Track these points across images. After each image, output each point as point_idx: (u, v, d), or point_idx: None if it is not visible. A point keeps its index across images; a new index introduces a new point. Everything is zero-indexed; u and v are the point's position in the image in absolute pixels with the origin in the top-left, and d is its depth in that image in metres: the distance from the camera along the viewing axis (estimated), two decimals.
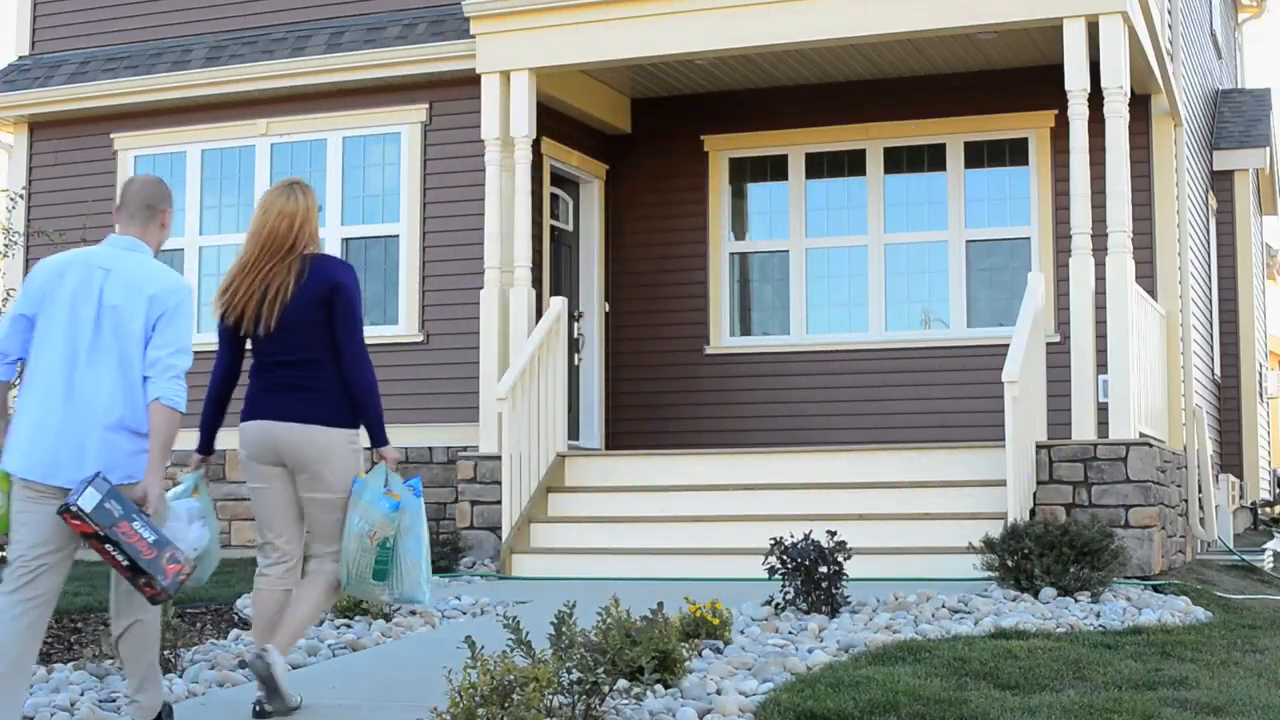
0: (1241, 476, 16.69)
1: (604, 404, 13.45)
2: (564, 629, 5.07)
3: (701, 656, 6.59)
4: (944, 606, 8.07)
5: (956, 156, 12.93)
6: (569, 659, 5.00)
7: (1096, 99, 10.34)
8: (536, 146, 12.21)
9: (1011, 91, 12.67)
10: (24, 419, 5.15)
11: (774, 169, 13.50)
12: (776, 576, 8.14)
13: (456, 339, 12.16)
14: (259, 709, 5.59)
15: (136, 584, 5.04)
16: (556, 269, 13.03)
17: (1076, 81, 10.22)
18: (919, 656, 6.50)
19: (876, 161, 13.13)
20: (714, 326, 13.43)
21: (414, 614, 8.47)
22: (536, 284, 12.04)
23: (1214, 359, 15.89)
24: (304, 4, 13.18)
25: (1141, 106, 12.08)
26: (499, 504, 10.76)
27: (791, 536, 8.24)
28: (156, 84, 13.12)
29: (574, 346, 13.05)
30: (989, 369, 11.37)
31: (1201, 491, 12.60)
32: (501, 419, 10.73)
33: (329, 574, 5.77)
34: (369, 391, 5.72)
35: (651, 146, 13.69)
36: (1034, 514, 9.75)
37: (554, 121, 12.73)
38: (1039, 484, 9.90)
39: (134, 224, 5.36)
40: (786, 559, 8.05)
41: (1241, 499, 16.98)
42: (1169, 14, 13.02)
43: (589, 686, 4.99)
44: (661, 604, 5.95)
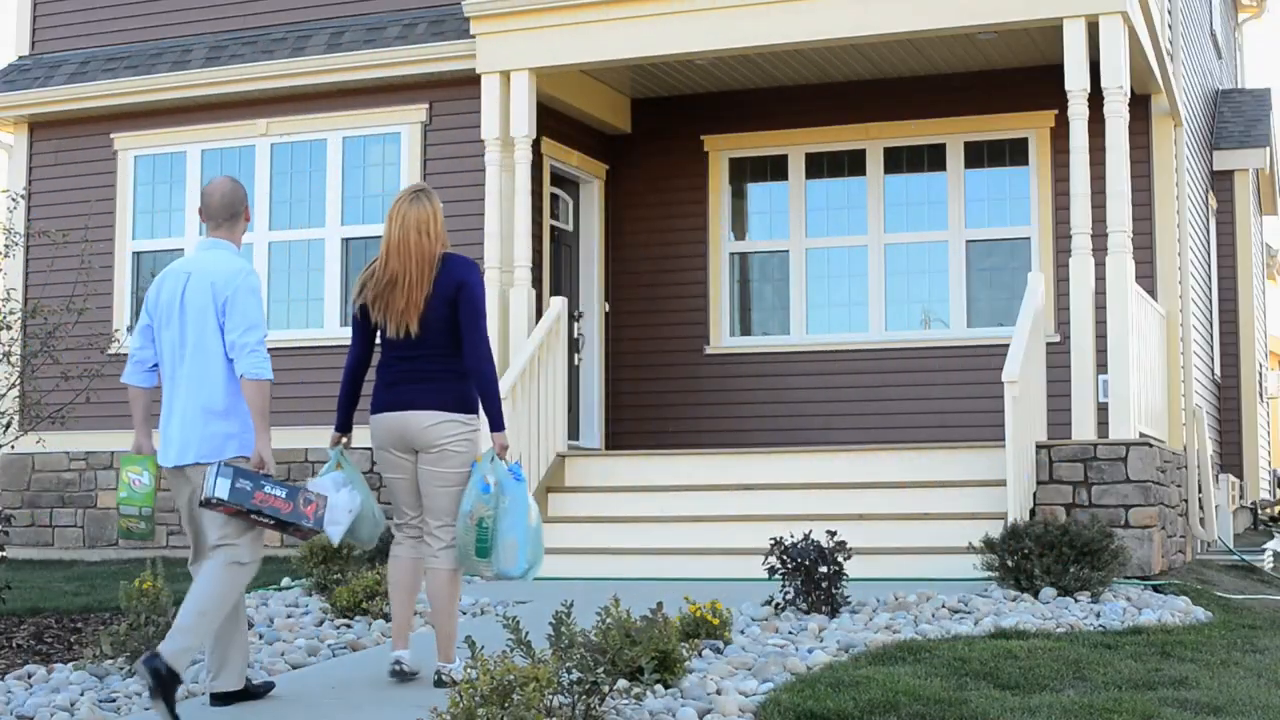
0: (1241, 476, 16.70)
1: (604, 404, 13.45)
2: (563, 629, 5.07)
3: (701, 656, 6.59)
4: (944, 606, 8.07)
5: (956, 156, 12.93)
6: (569, 659, 5.00)
7: (1096, 99, 10.34)
8: (536, 146, 12.21)
9: (1011, 91, 12.67)
10: (162, 415, 6.01)
11: (774, 169, 13.50)
12: (776, 576, 8.14)
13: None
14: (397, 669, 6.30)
15: (288, 533, 5.86)
16: (556, 269, 13.04)
17: (1076, 81, 10.22)
18: (919, 656, 6.50)
19: (876, 161, 13.14)
20: (714, 326, 13.43)
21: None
22: (536, 284, 12.04)
23: (1214, 359, 15.89)
24: (304, 4, 13.18)
25: (1141, 106, 12.08)
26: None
27: (791, 536, 8.23)
28: (156, 84, 13.12)
29: (574, 346, 13.05)
30: (989, 369, 11.37)
31: (1201, 491, 12.60)
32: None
33: (445, 562, 6.26)
34: (491, 382, 6.20)
35: (651, 146, 13.69)
36: (1034, 514, 9.75)
37: (554, 121, 12.73)
38: (1039, 484, 9.90)
39: (220, 229, 6.04)
40: (786, 559, 8.05)
41: (1241, 499, 16.98)
42: (1169, 14, 13.02)
43: (589, 686, 4.99)
44: (661, 604, 5.95)
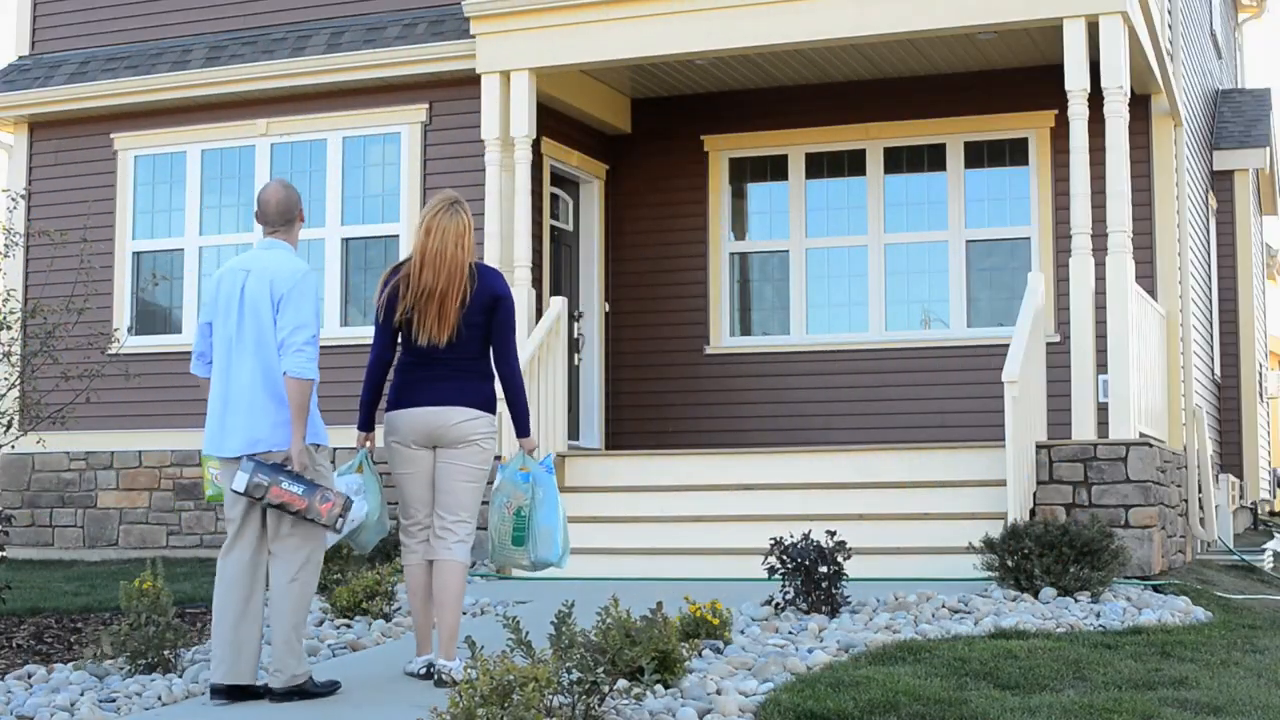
0: (1241, 476, 16.69)
1: (604, 404, 13.45)
2: (563, 629, 5.07)
3: (701, 656, 6.59)
4: (944, 606, 8.07)
5: (956, 156, 12.93)
6: (569, 659, 5.00)
7: (1096, 99, 10.34)
8: (536, 146, 12.21)
9: (1011, 91, 12.67)
10: (208, 406, 6.18)
11: (774, 169, 13.50)
12: (776, 576, 8.13)
13: None
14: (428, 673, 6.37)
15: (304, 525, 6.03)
16: (556, 269, 13.04)
17: (1076, 81, 10.22)
18: (919, 656, 6.50)
19: (876, 161, 13.14)
20: (714, 326, 13.43)
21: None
22: (536, 284, 12.04)
23: (1214, 359, 15.89)
24: (304, 4, 13.18)
25: (1141, 106, 12.09)
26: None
27: (791, 536, 8.23)
28: (156, 84, 13.12)
29: (574, 346, 13.05)
30: (989, 369, 11.37)
31: (1201, 491, 12.60)
32: (501, 419, 10.70)
33: (459, 555, 6.34)
34: (520, 389, 6.49)
35: (651, 146, 13.69)
36: (1034, 514, 9.75)
37: (554, 121, 12.73)
38: (1039, 484, 9.90)
39: (277, 233, 6.25)
40: (786, 559, 8.05)
41: (1241, 499, 16.98)
42: (1169, 14, 13.02)
43: (589, 686, 4.99)
44: (661, 604, 5.94)
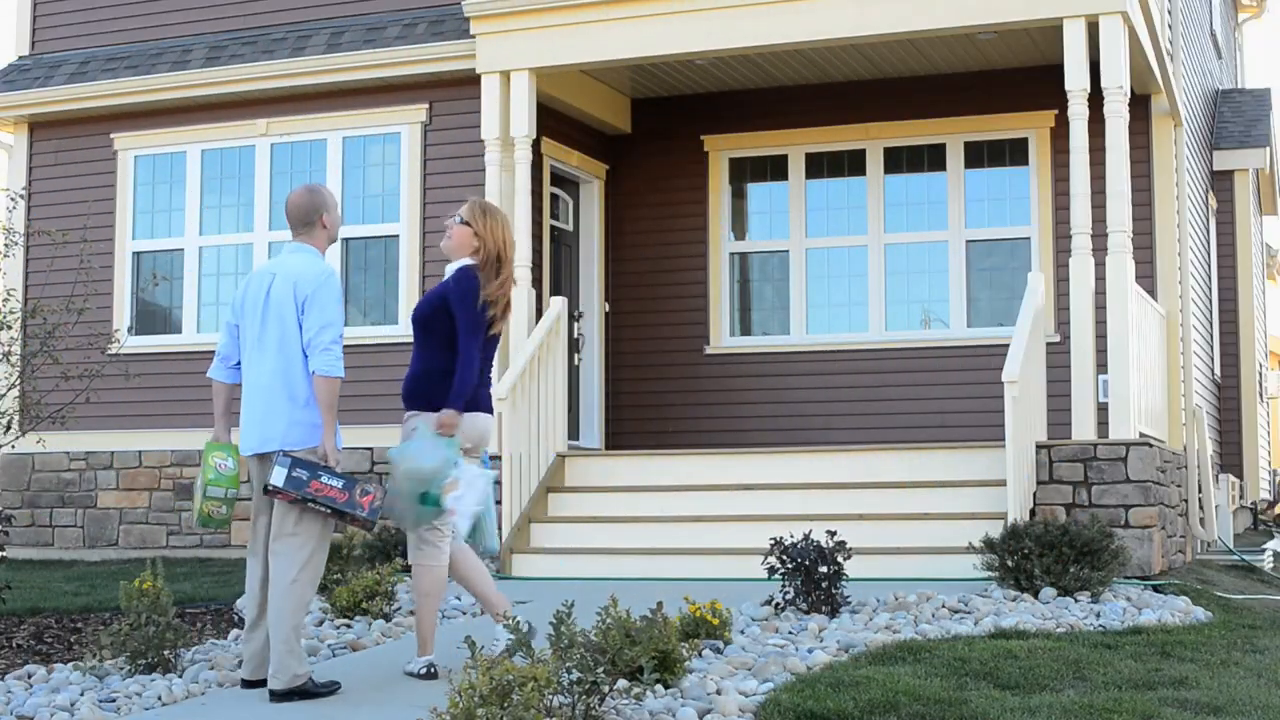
0: (1241, 476, 16.69)
1: (604, 404, 13.45)
2: (563, 629, 5.07)
3: (701, 656, 6.59)
4: (944, 606, 8.07)
5: (956, 156, 12.93)
6: (569, 659, 5.00)
7: (1096, 99, 10.34)
8: (536, 146, 12.21)
9: (1011, 91, 12.67)
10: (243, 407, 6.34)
11: (774, 169, 13.50)
12: (776, 576, 8.13)
13: None
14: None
15: (345, 522, 6.15)
16: (556, 269, 13.03)
17: (1076, 81, 10.22)
18: (919, 656, 6.50)
19: (876, 161, 13.13)
20: (714, 326, 13.43)
21: (414, 614, 8.45)
22: (536, 284, 12.04)
23: (1214, 359, 15.88)
24: (304, 4, 13.18)
25: (1141, 106, 12.08)
26: (499, 504, 10.74)
27: (791, 536, 8.23)
28: (156, 84, 13.12)
29: (574, 346, 13.05)
30: (989, 369, 11.36)
31: (1201, 491, 12.60)
32: (501, 419, 10.72)
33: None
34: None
35: (651, 146, 13.69)
36: (1034, 514, 9.75)
37: (554, 121, 12.73)
38: (1039, 484, 9.90)
39: (300, 235, 6.38)
40: (786, 559, 8.05)
41: (1241, 499, 16.98)
42: (1169, 14, 13.01)
43: (588, 686, 4.99)
44: (661, 604, 5.95)
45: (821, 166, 13.34)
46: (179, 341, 13.13)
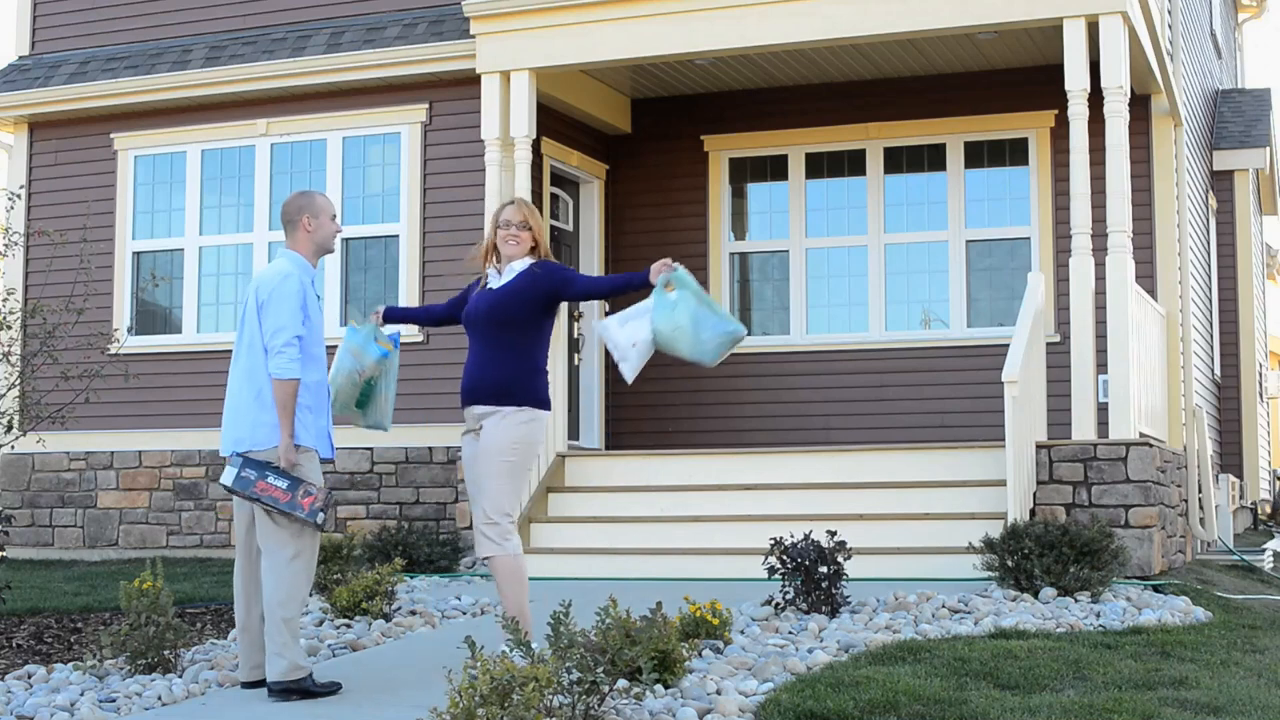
0: (1241, 476, 16.69)
1: (604, 404, 13.45)
2: (562, 629, 5.07)
3: (701, 656, 6.59)
4: (944, 606, 8.07)
5: (956, 156, 12.93)
6: (568, 659, 5.00)
7: (1096, 99, 10.33)
8: (536, 146, 12.21)
9: (1011, 91, 12.67)
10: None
11: (774, 169, 13.50)
12: (776, 576, 8.13)
13: (456, 339, 12.07)
14: None
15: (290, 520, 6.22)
16: None
17: (1076, 81, 10.21)
18: (919, 656, 6.50)
19: (876, 161, 13.13)
20: None
21: (414, 614, 8.47)
22: None
23: (1214, 359, 15.88)
24: (304, 4, 13.18)
25: (1141, 106, 12.08)
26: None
27: (791, 536, 8.23)
28: (156, 84, 13.12)
29: (574, 346, 13.05)
30: (989, 369, 11.36)
31: (1201, 491, 12.60)
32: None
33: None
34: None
35: (651, 146, 13.69)
36: (1034, 514, 9.75)
37: (554, 121, 12.73)
38: (1039, 484, 9.90)
39: (287, 237, 6.57)
40: (786, 559, 8.05)
41: (1241, 499, 16.98)
42: (1169, 14, 13.01)
43: (588, 686, 4.99)
44: (660, 604, 5.95)
45: (821, 166, 13.34)
46: (179, 341, 13.13)
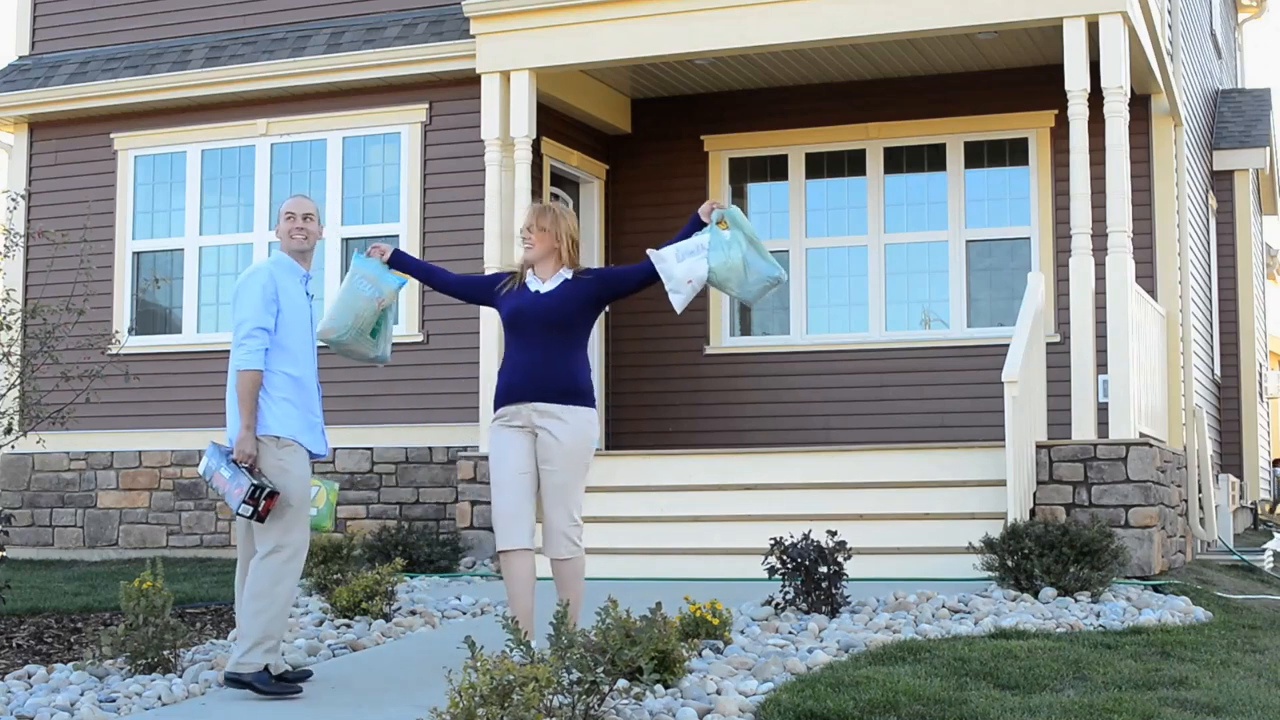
0: (1241, 476, 16.69)
1: (604, 404, 13.44)
2: (562, 629, 5.07)
3: (701, 656, 6.59)
4: (944, 606, 8.07)
5: (956, 156, 12.93)
6: (568, 659, 5.00)
7: (1096, 99, 10.33)
8: (536, 146, 12.21)
9: (1011, 91, 12.67)
10: None
11: (774, 169, 13.50)
12: (776, 576, 8.13)
13: (456, 339, 12.16)
14: None
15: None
16: None
17: (1076, 81, 10.21)
18: (919, 656, 6.50)
19: (876, 161, 13.14)
20: (714, 326, 13.43)
21: (414, 614, 8.47)
22: None
23: (1214, 359, 15.88)
24: (304, 4, 13.18)
25: (1141, 106, 12.08)
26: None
27: (791, 536, 8.23)
28: (156, 84, 13.12)
29: None
30: (989, 369, 11.37)
31: (1201, 491, 12.60)
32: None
33: None
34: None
35: (651, 146, 13.69)
36: (1034, 514, 9.75)
37: (554, 121, 12.73)
38: (1039, 484, 9.90)
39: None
40: (786, 559, 8.05)
41: (1241, 499, 16.98)
42: (1169, 14, 13.01)
43: (588, 686, 4.99)
44: (660, 603, 5.94)
45: (821, 166, 13.34)
46: (179, 341, 13.13)
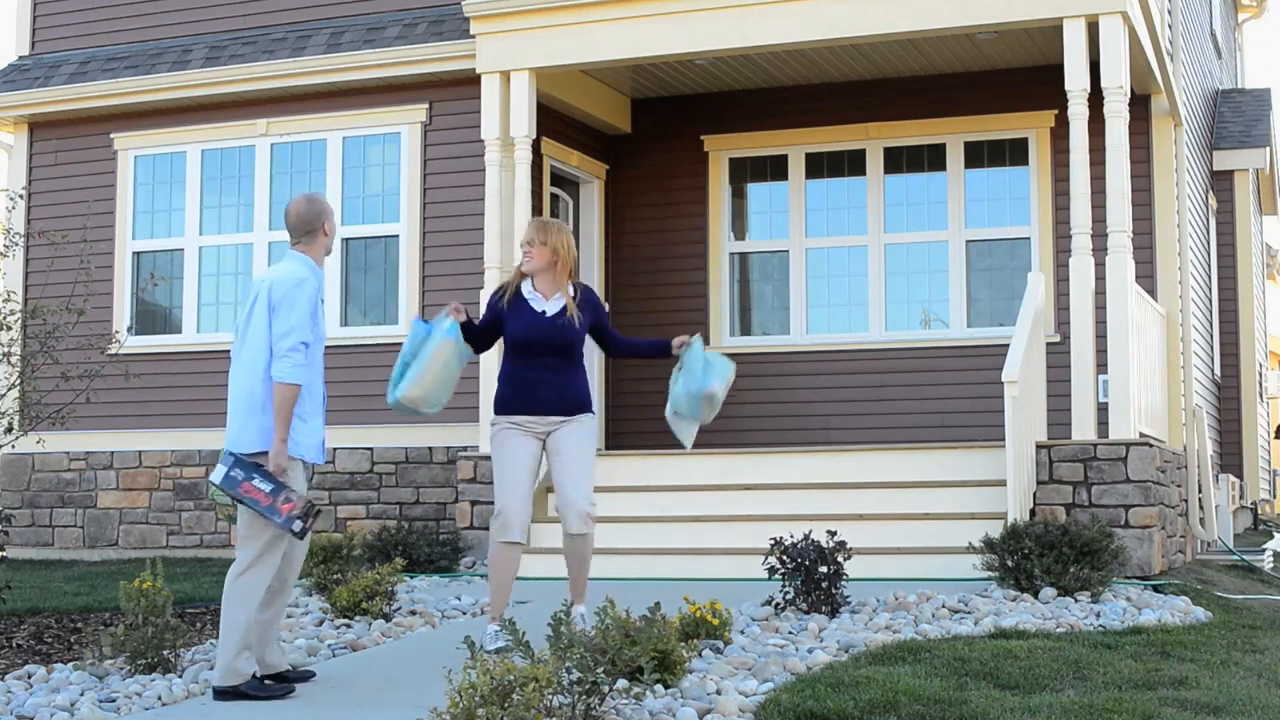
0: (1241, 476, 16.69)
1: (604, 404, 13.45)
2: (561, 629, 5.07)
3: (701, 656, 6.59)
4: (944, 606, 8.07)
5: (956, 156, 12.93)
6: (568, 659, 5.00)
7: (1096, 99, 10.33)
8: (536, 146, 12.21)
9: (1011, 91, 12.67)
10: None
11: (774, 169, 13.50)
12: (776, 576, 8.13)
13: None
14: None
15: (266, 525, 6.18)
16: None
17: (1076, 81, 10.21)
18: (919, 656, 6.50)
19: (876, 161, 13.14)
20: (714, 326, 13.43)
21: (414, 614, 8.47)
22: None
23: (1214, 359, 15.89)
24: (304, 4, 13.19)
25: (1141, 106, 12.08)
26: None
27: (791, 536, 8.23)
28: (156, 84, 13.12)
29: None
30: (989, 369, 11.37)
31: (1201, 491, 12.60)
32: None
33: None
34: None
35: (651, 146, 13.69)
36: (1034, 514, 9.75)
37: (554, 121, 12.73)
38: (1039, 484, 9.90)
39: (300, 244, 6.43)
40: (786, 559, 8.05)
41: (1241, 499, 16.98)
42: (1169, 14, 13.01)
43: (588, 686, 4.98)
44: (660, 604, 5.94)
45: (821, 166, 13.34)
46: (179, 341, 13.14)
